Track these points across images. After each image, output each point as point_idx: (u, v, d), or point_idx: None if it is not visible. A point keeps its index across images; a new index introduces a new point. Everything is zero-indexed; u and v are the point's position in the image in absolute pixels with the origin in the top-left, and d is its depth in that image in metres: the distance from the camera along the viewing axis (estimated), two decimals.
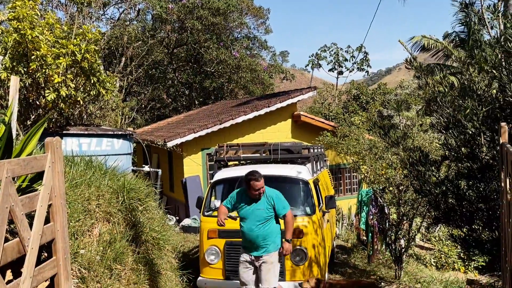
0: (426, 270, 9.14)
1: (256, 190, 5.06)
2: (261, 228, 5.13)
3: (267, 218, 5.15)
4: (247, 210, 5.19)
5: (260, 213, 5.13)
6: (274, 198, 5.17)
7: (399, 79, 43.12)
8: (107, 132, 7.54)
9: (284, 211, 5.19)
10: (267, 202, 5.16)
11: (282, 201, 5.22)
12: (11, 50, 6.58)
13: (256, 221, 5.12)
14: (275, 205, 5.16)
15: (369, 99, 27.49)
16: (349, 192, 15.65)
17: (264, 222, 5.13)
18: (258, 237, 5.12)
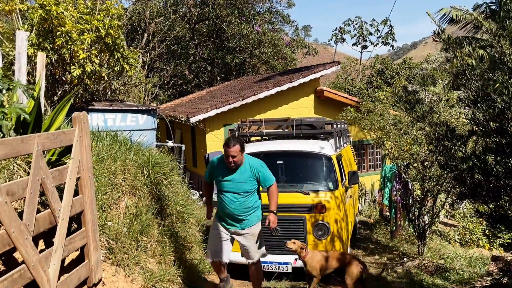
0: (449, 246, 9.09)
1: (227, 157, 4.50)
2: (244, 202, 4.65)
3: (249, 191, 4.64)
4: (227, 183, 4.65)
5: (243, 186, 4.61)
6: (258, 169, 4.65)
7: (425, 54, 42.02)
8: (131, 108, 7.63)
9: (269, 183, 4.72)
10: (251, 173, 4.63)
11: (267, 172, 4.72)
12: (37, 27, 6.66)
13: (238, 194, 4.62)
14: (260, 177, 4.66)
15: (393, 74, 26.92)
16: (372, 168, 15.55)
17: (246, 196, 4.64)
18: (238, 210, 4.66)
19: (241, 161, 4.56)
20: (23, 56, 4.50)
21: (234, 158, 4.47)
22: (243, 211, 4.66)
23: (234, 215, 4.68)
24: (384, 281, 6.49)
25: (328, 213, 6.03)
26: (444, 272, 6.86)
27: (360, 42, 32.79)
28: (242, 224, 4.73)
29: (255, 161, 4.72)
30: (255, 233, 4.82)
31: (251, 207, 4.71)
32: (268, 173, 4.71)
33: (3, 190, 2.88)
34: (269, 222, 4.71)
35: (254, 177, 4.62)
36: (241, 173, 4.60)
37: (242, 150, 4.56)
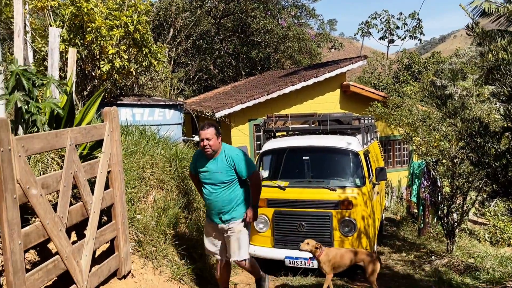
0: (479, 245, 8.88)
1: (201, 140, 4.31)
2: (221, 194, 4.41)
3: (227, 181, 4.40)
4: (205, 174, 4.46)
5: (218, 176, 4.39)
6: (233, 158, 4.38)
7: (454, 47, 40.98)
8: (159, 103, 7.72)
9: (247, 172, 4.42)
10: (226, 163, 4.38)
11: (243, 161, 4.42)
12: (68, 23, 6.80)
13: (215, 186, 4.42)
14: (236, 166, 4.39)
15: (421, 69, 26.39)
16: (399, 164, 15.30)
17: (224, 187, 4.41)
18: (218, 202, 4.43)
19: (217, 147, 4.35)
20: (55, 52, 4.60)
21: (209, 142, 4.27)
22: (223, 204, 4.43)
23: (215, 209, 4.48)
24: (412, 279, 6.40)
25: (355, 209, 5.97)
26: (474, 271, 6.72)
27: (387, 36, 32.24)
28: (224, 218, 4.49)
29: (231, 149, 4.50)
30: (237, 230, 4.51)
31: (232, 200, 4.45)
32: (244, 162, 4.41)
33: (39, 182, 2.96)
34: (245, 217, 4.50)
35: (230, 167, 4.38)
36: (217, 163, 4.39)
37: (218, 135, 4.36)
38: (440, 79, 21.05)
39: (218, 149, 4.38)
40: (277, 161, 6.94)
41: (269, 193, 6.34)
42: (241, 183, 4.50)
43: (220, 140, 4.41)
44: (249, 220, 4.51)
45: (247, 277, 6.01)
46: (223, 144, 4.50)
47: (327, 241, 5.98)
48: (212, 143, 4.29)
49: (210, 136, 4.29)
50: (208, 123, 4.37)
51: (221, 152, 4.41)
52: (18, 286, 2.73)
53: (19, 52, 3.80)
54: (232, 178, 4.41)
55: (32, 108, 3.43)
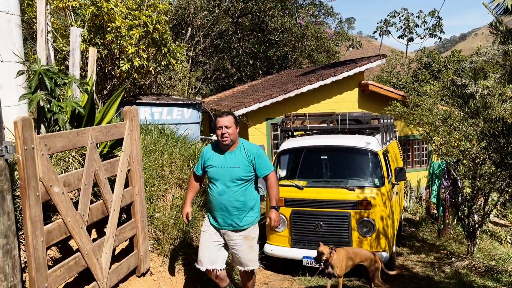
0: (501, 247, 8.70)
1: (219, 128, 3.92)
2: (237, 192, 3.94)
3: (245, 178, 3.96)
4: (219, 169, 3.97)
5: (235, 172, 3.92)
6: (254, 154, 3.99)
7: (474, 46, 40.23)
8: (177, 102, 7.77)
9: (267, 171, 4.03)
10: (246, 158, 3.97)
11: (264, 158, 4.07)
12: (88, 23, 6.88)
13: (230, 182, 3.93)
14: (256, 163, 3.98)
15: (441, 67, 25.96)
16: (418, 164, 15.11)
17: (240, 184, 3.95)
18: (231, 203, 3.94)
19: (235, 137, 3.97)
20: (77, 51, 4.66)
21: (228, 130, 3.88)
22: (236, 205, 3.95)
23: (225, 210, 3.96)
24: (432, 281, 6.31)
25: (374, 210, 5.91)
26: (495, 273, 6.58)
27: (406, 35, 31.78)
28: (234, 223, 3.99)
29: (250, 144, 4.12)
30: (250, 236, 4.06)
31: (246, 203, 3.99)
32: (265, 159, 4.07)
33: (61, 181, 3.01)
34: (269, 221, 4.06)
35: (249, 162, 3.96)
36: (235, 156, 3.97)
37: (237, 124, 4.00)
38: (460, 78, 20.69)
39: (236, 141, 4.01)
40: (295, 160, 6.91)
41: (287, 192, 6.32)
42: (255, 183, 4.10)
43: (237, 130, 4.03)
44: (275, 224, 4.05)
45: (265, 276, 6.01)
46: (240, 138, 4.12)
47: (345, 241, 5.94)
48: (231, 131, 3.91)
49: (229, 123, 3.91)
50: (225, 111, 4.09)
51: (239, 146, 4.02)
52: (41, 282, 2.78)
53: (42, 51, 3.86)
54: (250, 176, 3.99)
55: (54, 107, 3.48)
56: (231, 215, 3.96)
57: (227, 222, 3.99)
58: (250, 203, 4.02)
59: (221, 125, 3.91)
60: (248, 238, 4.03)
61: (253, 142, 13.43)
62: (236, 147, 4.01)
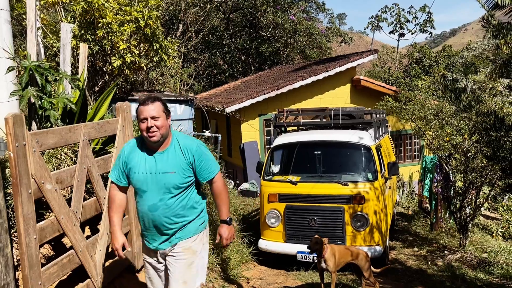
0: (492, 240, 8.79)
1: (143, 121, 2.85)
2: (174, 205, 2.94)
3: (182, 186, 2.94)
4: (146, 176, 2.93)
5: (170, 179, 2.90)
6: (194, 153, 2.95)
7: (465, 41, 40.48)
8: (169, 98, 7.72)
9: (210, 174, 3.01)
10: (184, 159, 2.94)
11: (207, 157, 3.00)
12: (79, 19, 6.81)
13: (164, 193, 2.92)
14: (196, 165, 2.95)
15: (432, 63, 26.15)
16: (410, 159, 15.20)
17: (179, 194, 2.95)
18: (169, 220, 2.94)
19: (166, 131, 2.91)
20: (67, 47, 4.61)
21: (155, 122, 2.82)
22: (175, 221, 2.96)
23: (160, 229, 2.97)
24: (425, 274, 6.36)
25: (367, 204, 5.94)
26: (487, 266, 6.65)
27: (397, 30, 31.92)
28: (172, 239, 3.01)
29: (188, 139, 3.05)
30: (190, 249, 3.03)
31: (189, 214, 3.01)
32: (208, 158, 3.02)
33: (53, 177, 2.98)
34: (220, 238, 3.10)
35: (188, 164, 2.94)
36: (168, 158, 2.93)
37: (167, 113, 2.96)
38: (451, 73, 20.83)
39: (167, 135, 2.94)
40: (288, 156, 6.92)
41: (281, 188, 6.33)
42: (198, 187, 3.10)
43: (169, 122, 2.96)
44: (227, 242, 3.09)
45: (259, 271, 6.01)
46: (173, 131, 3.07)
47: (339, 235, 5.97)
48: (161, 123, 2.84)
49: (156, 113, 2.85)
50: (150, 97, 2.93)
51: (172, 142, 2.97)
52: (34, 280, 2.76)
53: (32, 47, 3.81)
54: (191, 180, 2.98)
55: (45, 104, 3.44)
56: (166, 232, 2.98)
57: (160, 239, 3.01)
58: (194, 212, 3.04)
59: (145, 116, 2.84)
60: (188, 251, 3.00)
61: (246, 138, 13.38)
62: (169, 145, 2.96)
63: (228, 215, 3.12)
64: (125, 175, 3.00)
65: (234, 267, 5.53)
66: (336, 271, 4.77)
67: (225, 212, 3.10)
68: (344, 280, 5.63)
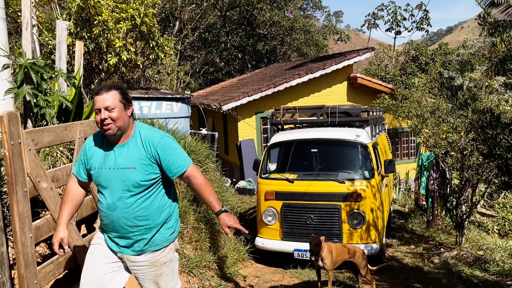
0: (488, 237, 8.83)
1: (97, 112, 2.57)
2: (135, 205, 2.65)
3: (145, 184, 2.65)
4: (106, 171, 2.65)
5: (130, 175, 2.62)
6: (157, 147, 2.65)
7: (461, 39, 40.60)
8: (166, 96, 7.70)
9: (181, 168, 2.69)
10: (145, 153, 2.65)
11: (174, 150, 2.69)
12: (74, 16, 6.78)
13: (124, 191, 2.63)
14: (161, 159, 2.66)
15: (428, 60, 26.18)
16: (406, 156, 15.23)
17: (140, 193, 2.66)
18: (129, 221, 2.65)
19: (125, 124, 2.61)
20: (63, 45, 4.59)
21: (111, 113, 2.54)
22: (137, 223, 2.67)
23: (120, 231, 2.69)
24: (421, 271, 6.38)
25: (364, 202, 5.95)
26: (483, 263, 6.68)
27: (394, 28, 31.99)
28: (136, 245, 2.72)
29: (151, 132, 2.73)
30: (159, 262, 2.77)
31: (153, 217, 2.71)
32: (176, 151, 2.70)
33: (49, 176, 2.96)
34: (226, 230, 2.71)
35: (150, 159, 2.65)
36: (128, 152, 2.65)
37: (127, 104, 2.63)
38: (447, 70, 20.88)
39: (128, 128, 2.66)
40: (285, 154, 6.92)
41: (278, 186, 6.33)
42: (167, 187, 2.79)
43: (131, 113, 2.69)
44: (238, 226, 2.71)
45: (256, 269, 6.01)
46: (137, 123, 2.78)
47: (336, 233, 5.97)
48: (117, 115, 2.55)
49: (112, 104, 2.55)
50: (107, 85, 2.63)
51: (134, 135, 2.69)
52: (30, 279, 2.74)
53: (27, 45, 3.79)
54: (156, 178, 2.69)
55: (40, 102, 3.42)
56: (131, 237, 2.70)
57: (124, 243, 2.73)
58: (160, 216, 2.73)
59: (99, 106, 2.55)
60: (155, 264, 2.75)
61: (243, 136, 13.38)
62: (130, 137, 2.68)
63: (220, 205, 2.74)
64: (85, 169, 2.73)
65: (231, 265, 5.52)
66: (333, 269, 4.77)
67: (215, 203, 2.72)
68: (341, 278, 5.63)
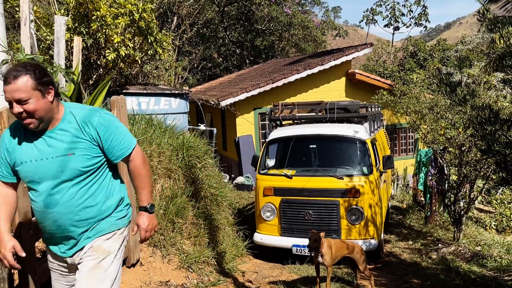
0: (485, 233, 8.87)
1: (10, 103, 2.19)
2: (75, 196, 2.29)
3: (88, 170, 2.31)
4: (36, 164, 2.26)
5: (69, 163, 2.25)
6: (96, 125, 2.32)
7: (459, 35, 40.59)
8: (164, 91, 7.69)
9: (125, 150, 2.40)
10: (83, 134, 2.30)
11: (117, 130, 2.38)
12: (72, 11, 6.74)
13: (61, 182, 2.26)
14: (102, 140, 2.33)
15: (427, 56, 26.20)
16: (405, 152, 15.27)
17: (84, 181, 2.30)
18: (73, 217, 2.29)
19: (46, 113, 2.22)
20: (61, 40, 4.57)
21: (25, 105, 2.16)
22: (84, 217, 2.32)
23: (64, 229, 2.30)
24: (419, 266, 6.40)
25: (362, 198, 5.97)
26: (481, 259, 6.70)
27: (392, 24, 31.88)
28: (83, 243, 2.36)
29: (87, 110, 2.36)
30: (101, 249, 2.37)
31: (103, 205, 2.37)
32: (119, 131, 2.38)
33: None
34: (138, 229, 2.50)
35: (90, 141, 2.31)
36: (62, 136, 2.27)
37: (44, 88, 2.19)
38: (446, 66, 20.89)
39: (53, 114, 2.27)
40: (284, 149, 6.93)
41: (276, 181, 6.34)
42: (114, 168, 2.50)
43: (53, 96, 2.24)
44: (146, 235, 2.47)
45: (255, 265, 6.03)
46: (66, 103, 2.39)
47: (334, 229, 5.99)
48: (33, 107, 2.17)
49: (24, 94, 2.15)
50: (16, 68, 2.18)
51: (65, 117, 2.31)
52: (29, 275, 2.74)
53: (26, 40, 3.77)
54: (98, 163, 2.34)
55: None
56: (70, 233, 2.32)
57: (63, 242, 2.36)
58: (111, 202, 2.41)
59: (9, 99, 2.17)
60: (96, 251, 2.34)
61: (241, 132, 13.43)
62: (61, 120, 2.30)
63: (149, 201, 2.47)
64: (9, 168, 2.31)
65: (230, 261, 5.54)
66: (331, 265, 4.79)
67: (145, 197, 2.46)
68: (339, 273, 5.66)
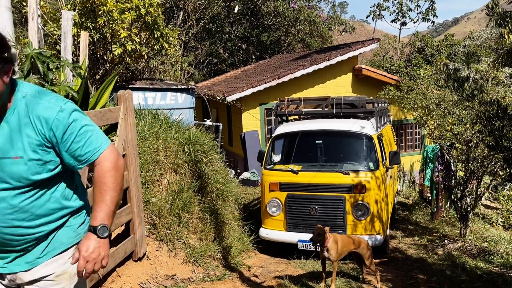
0: (492, 229, 8.82)
1: None
2: (18, 205, 1.81)
3: (38, 180, 1.82)
4: None
5: (11, 167, 1.77)
6: (52, 124, 1.80)
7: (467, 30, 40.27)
8: (171, 87, 7.70)
9: (90, 155, 1.87)
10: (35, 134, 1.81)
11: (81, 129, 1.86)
12: (79, 6, 6.76)
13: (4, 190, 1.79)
14: (59, 142, 1.83)
15: (434, 52, 25.99)
16: (411, 148, 15.20)
17: (30, 190, 1.83)
18: (15, 231, 1.84)
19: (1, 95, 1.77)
20: (68, 35, 4.58)
21: None
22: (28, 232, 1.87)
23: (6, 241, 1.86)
24: (425, 262, 6.39)
25: (368, 193, 5.95)
26: (487, 255, 6.68)
27: (399, 19, 31.65)
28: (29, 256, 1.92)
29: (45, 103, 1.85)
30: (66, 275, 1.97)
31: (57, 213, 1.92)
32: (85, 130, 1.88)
33: None
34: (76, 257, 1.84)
35: (42, 142, 1.82)
36: (9, 133, 1.81)
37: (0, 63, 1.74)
38: (453, 62, 20.73)
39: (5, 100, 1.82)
40: (290, 145, 6.92)
41: (282, 177, 6.34)
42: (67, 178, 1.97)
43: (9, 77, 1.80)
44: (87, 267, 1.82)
45: (260, 259, 6.05)
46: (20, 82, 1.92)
47: (340, 225, 5.99)
48: None
49: None
50: None
51: (15, 105, 1.84)
52: None
53: (34, 35, 3.79)
54: (54, 169, 1.88)
55: None
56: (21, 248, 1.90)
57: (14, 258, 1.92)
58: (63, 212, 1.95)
59: None
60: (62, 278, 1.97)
61: (247, 127, 13.47)
62: (9, 109, 1.83)
63: (103, 221, 1.84)
64: None
65: (235, 255, 5.56)
66: (337, 260, 4.79)
67: (100, 214, 1.85)
68: (345, 268, 5.66)
